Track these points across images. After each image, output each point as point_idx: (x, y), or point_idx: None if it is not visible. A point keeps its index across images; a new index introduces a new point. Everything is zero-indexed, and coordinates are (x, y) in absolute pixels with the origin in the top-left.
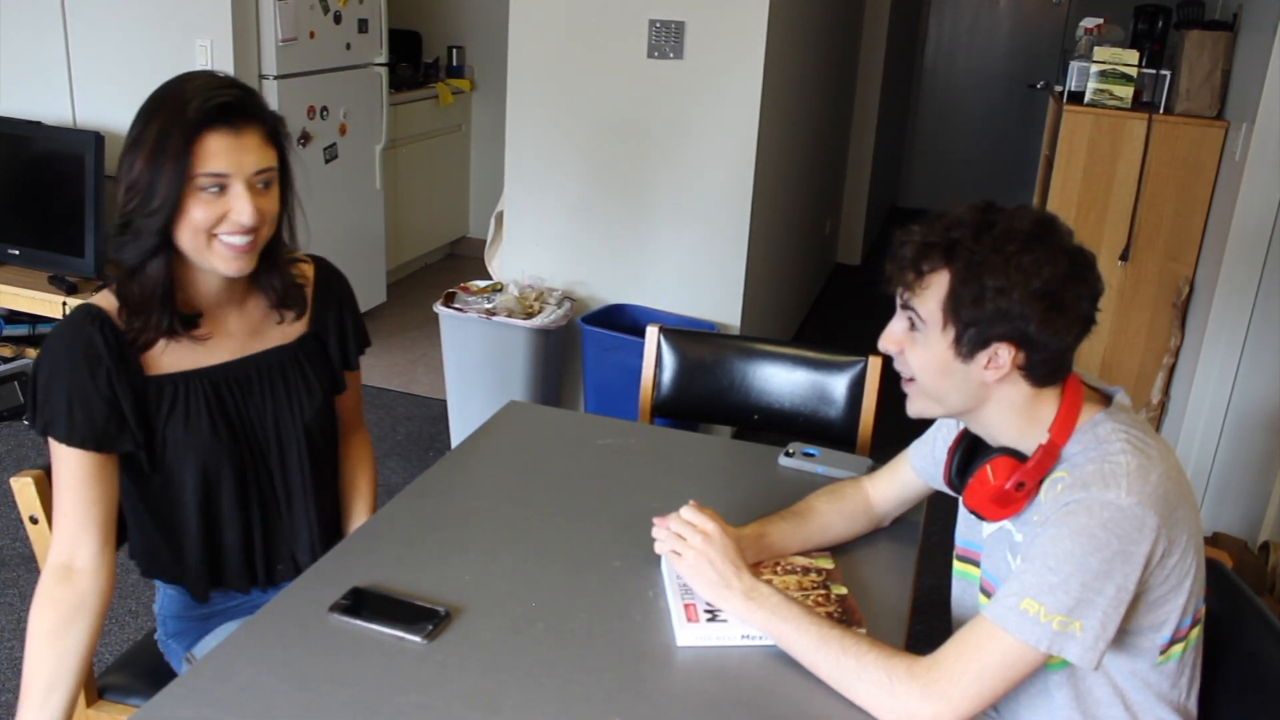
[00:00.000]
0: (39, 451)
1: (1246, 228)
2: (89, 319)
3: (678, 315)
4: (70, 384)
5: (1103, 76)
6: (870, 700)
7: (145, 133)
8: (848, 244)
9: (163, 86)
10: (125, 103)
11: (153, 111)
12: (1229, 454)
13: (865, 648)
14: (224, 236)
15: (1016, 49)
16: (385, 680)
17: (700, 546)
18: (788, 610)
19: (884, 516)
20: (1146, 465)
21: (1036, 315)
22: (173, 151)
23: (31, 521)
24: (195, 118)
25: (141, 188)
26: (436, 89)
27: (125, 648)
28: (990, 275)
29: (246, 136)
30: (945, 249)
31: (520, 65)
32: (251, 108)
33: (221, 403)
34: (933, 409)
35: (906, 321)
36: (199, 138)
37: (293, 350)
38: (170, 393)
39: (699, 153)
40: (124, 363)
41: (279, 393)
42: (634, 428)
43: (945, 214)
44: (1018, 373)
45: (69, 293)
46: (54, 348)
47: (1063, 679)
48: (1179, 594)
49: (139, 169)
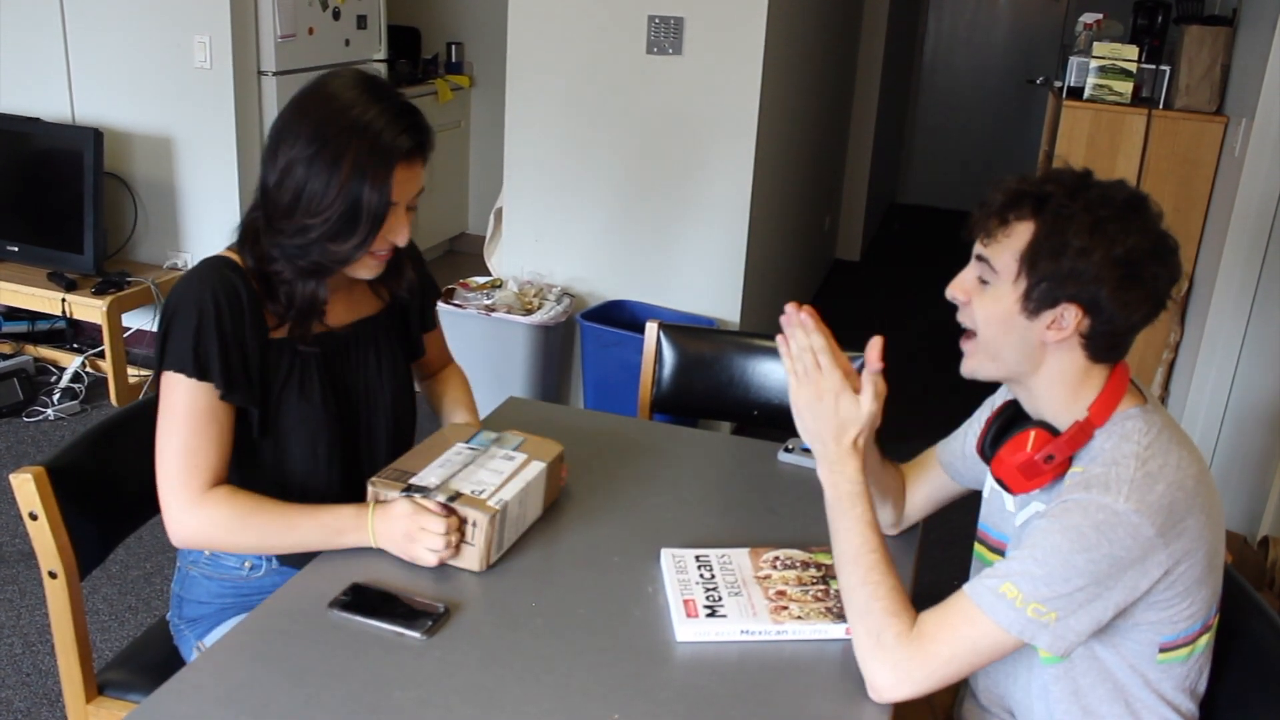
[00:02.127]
0: (38, 448)
1: (1246, 223)
2: (231, 269)
3: (677, 311)
4: (214, 325)
5: (1102, 72)
6: (857, 639)
7: (335, 155)
8: (847, 240)
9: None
10: (124, 99)
11: (343, 134)
12: (1229, 449)
13: (884, 592)
14: (375, 247)
15: (1015, 44)
16: (385, 676)
17: (835, 387)
18: (850, 507)
19: (907, 514)
20: (1154, 475)
21: (1111, 282)
22: (376, 180)
23: (31, 518)
24: (394, 151)
25: (340, 206)
26: (435, 85)
27: (125, 644)
28: (1076, 234)
29: (417, 166)
30: (1037, 200)
31: (519, 61)
32: (430, 144)
33: (331, 372)
34: (987, 367)
35: (978, 273)
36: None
37: (383, 319)
38: (289, 358)
39: (698, 148)
40: (257, 319)
41: (370, 362)
42: (633, 424)
43: (1044, 173)
44: (1078, 339)
45: (68, 289)
46: (198, 288)
47: (1059, 672)
48: (1183, 600)
49: (335, 192)
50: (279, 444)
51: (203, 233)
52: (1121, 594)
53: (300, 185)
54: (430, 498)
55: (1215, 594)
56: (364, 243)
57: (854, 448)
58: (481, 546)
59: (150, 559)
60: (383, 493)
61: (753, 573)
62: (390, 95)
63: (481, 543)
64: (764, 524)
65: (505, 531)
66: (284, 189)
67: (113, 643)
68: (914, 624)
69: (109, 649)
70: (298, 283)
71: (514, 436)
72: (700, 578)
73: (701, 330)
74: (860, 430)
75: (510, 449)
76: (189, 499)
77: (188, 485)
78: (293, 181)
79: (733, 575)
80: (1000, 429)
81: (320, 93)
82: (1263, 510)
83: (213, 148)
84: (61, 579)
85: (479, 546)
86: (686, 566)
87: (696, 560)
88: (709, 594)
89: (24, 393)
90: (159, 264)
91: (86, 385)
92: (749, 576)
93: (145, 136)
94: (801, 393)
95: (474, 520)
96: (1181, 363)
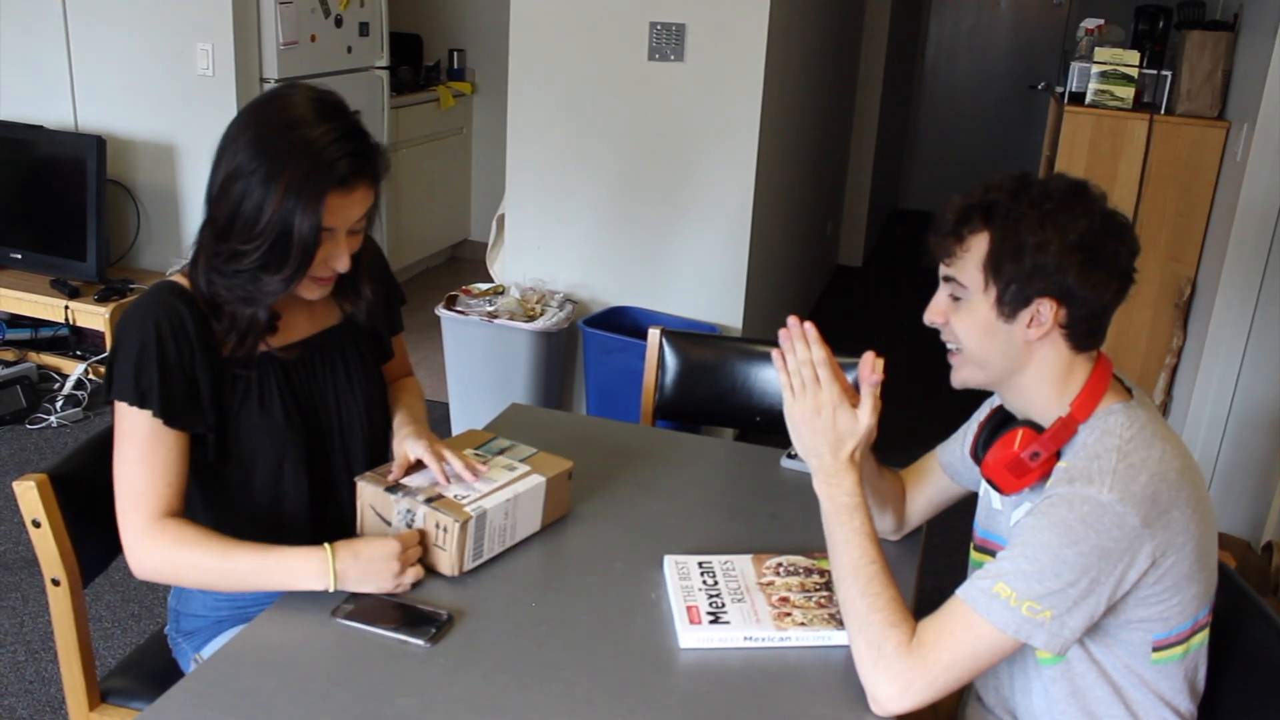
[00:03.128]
0: (41, 455)
1: (1248, 228)
2: (176, 295)
3: (679, 317)
4: (155, 353)
5: (1104, 77)
6: (857, 651)
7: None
8: (849, 246)
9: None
10: (127, 106)
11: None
12: (1231, 454)
13: (883, 603)
14: (314, 273)
15: (1017, 50)
16: (388, 683)
17: (833, 400)
18: (848, 519)
19: (908, 518)
20: (1136, 466)
21: (1075, 267)
22: (308, 206)
23: (34, 525)
24: (329, 178)
25: (271, 233)
26: (438, 92)
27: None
28: (1029, 231)
29: (359, 192)
30: (984, 210)
31: (521, 68)
32: (375, 169)
33: (292, 386)
34: (976, 376)
35: (948, 292)
36: (329, 196)
37: (346, 329)
38: (244, 376)
39: (700, 155)
40: (207, 344)
41: (339, 374)
42: (636, 430)
43: (982, 182)
44: (1059, 331)
45: (71, 297)
46: (140, 317)
47: (1057, 674)
48: (1173, 595)
49: (269, 214)
50: (243, 467)
51: None
52: (1112, 587)
53: (238, 201)
54: (414, 497)
55: (1208, 592)
56: (294, 275)
57: (851, 461)
58: (453, 552)
59: None
60: (369, 488)
61: (756, 579)
62: (339, 116)
63: (453, 548)
64: (767, 530)
65: (486, 540)
66: (223, 202)
67: (115, 650)
68: (914, 634)
69: (112, 656)
70: (239, 306)
71: (526, 449)
72: (703, 584)
73: (704, 336)
74: (857, 444)
75: (517, 459)
76: (140, 527)
77: (138, 512)
78: (232, 194)
79: (736, 582)
80: (992, 432)
81: (270, 105)
82: (1266, 516)
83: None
84: (64, 586)
85: (450, 551)
86: (689, 573)
87: (699, 567)
88: (712, 600)
89: (27, 400)
90: (162, 271)
91: (89, 392)
92: (752, 583)
93: (148, 144)
94: (798, 407)
95: (444, 525)
96: (1184, 368)
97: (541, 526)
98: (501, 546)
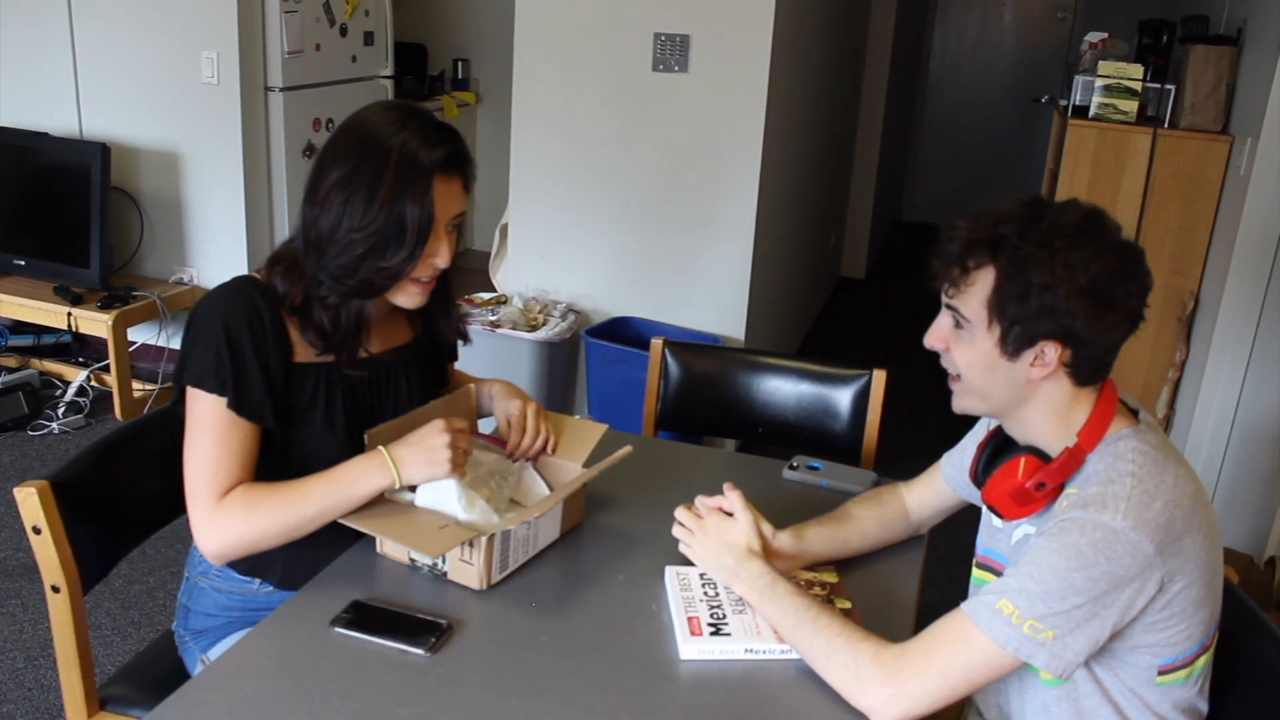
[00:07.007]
0: (43, 462)
1: (1251, 241)
2: (258, 290)
3: (682, 328)
4: (238, 342)
5: (1107, 91)
6: (837, 681)
7: (378, 165)
8: (852, 258)
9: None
10: (131, 114)
11: (386, 146)
12: (1235, 469)
13: (836, 630)
14: (417, 273)
15: (1021, 63)
16: (387, 693)
17: (714, 521)
18: (770, 594)
19: (921, 524)
20: (1151, 492)
21: (1083, 312)
22: (416, 188)
23: (35, 532)
24: (430, 165)
25: (382, 218)
26: (442, 102)
27: (128, 658)
28: (1036, 272)
29: (456, 183)
30: (991, 245)
31: (525, 78)
32: (469, 165)
33: (355, 401)
34: (977, 406)
35: (952, 319)
36: (435, 179)
37: (411, 350)
38: (313, 383)
39: (704, 165)
40: (281, 341)
41: (400, 394)
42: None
43: (992, 208)
44: (1063, 370)
45: (73, 304)
46: (217, 307)
47: (1061, 694)
48: (1181, 622)
49: (380, 201)
50: (296, 466)
51: (209, 248)
52: (1119, 613)
53: (342, 211)
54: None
55: (1214, 615)
56: (411, 255)
57: (750, 552)
58: (480, 566)
59: (154, 574)
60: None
61: None
62: (421, 116)
63: (480, 562)
64: None
65: (511, 553)
66: (326, 216)
67: (115, 657)
68: (887, 645)
69: (111, 664)
70: (344, 303)
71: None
72: (704, 595)
73: (706, 347)
74: (750, 536)
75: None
76: (211, 505)
77: (209, 494)
78: (334, 208)
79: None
80: (992, 455)
81: (352, 124)
82: (1269, 530)
83: (220, 163)
84: (64, 593)
85: (477, 566)
86: (691, 584)
87: (701, 578)
88: (713, 612)
89: (29, 406)
90: (165, 279)
91: (91, 399)
92: None
93: (152, 151)
94: (697, 548)
95: (472, 540)
96: (1187, 382)
97: (561, 534)
98: (523, 559)
